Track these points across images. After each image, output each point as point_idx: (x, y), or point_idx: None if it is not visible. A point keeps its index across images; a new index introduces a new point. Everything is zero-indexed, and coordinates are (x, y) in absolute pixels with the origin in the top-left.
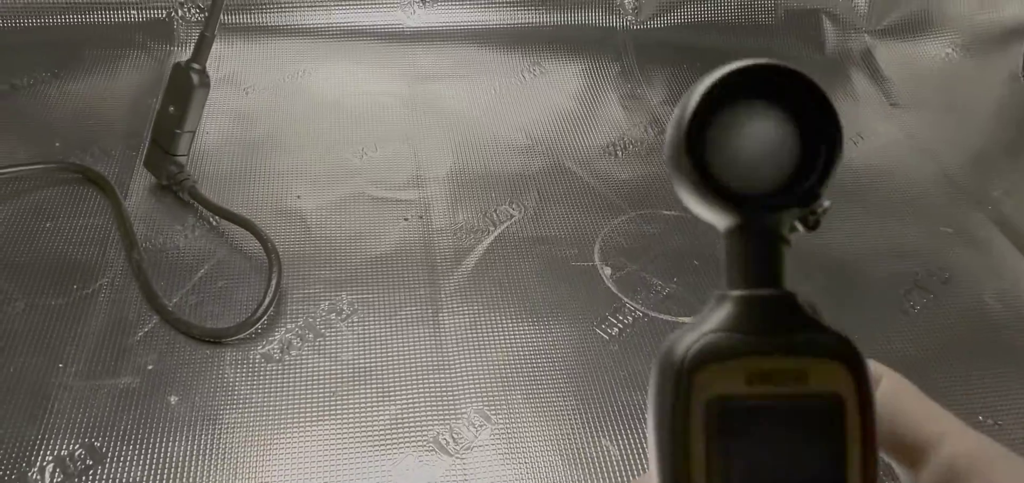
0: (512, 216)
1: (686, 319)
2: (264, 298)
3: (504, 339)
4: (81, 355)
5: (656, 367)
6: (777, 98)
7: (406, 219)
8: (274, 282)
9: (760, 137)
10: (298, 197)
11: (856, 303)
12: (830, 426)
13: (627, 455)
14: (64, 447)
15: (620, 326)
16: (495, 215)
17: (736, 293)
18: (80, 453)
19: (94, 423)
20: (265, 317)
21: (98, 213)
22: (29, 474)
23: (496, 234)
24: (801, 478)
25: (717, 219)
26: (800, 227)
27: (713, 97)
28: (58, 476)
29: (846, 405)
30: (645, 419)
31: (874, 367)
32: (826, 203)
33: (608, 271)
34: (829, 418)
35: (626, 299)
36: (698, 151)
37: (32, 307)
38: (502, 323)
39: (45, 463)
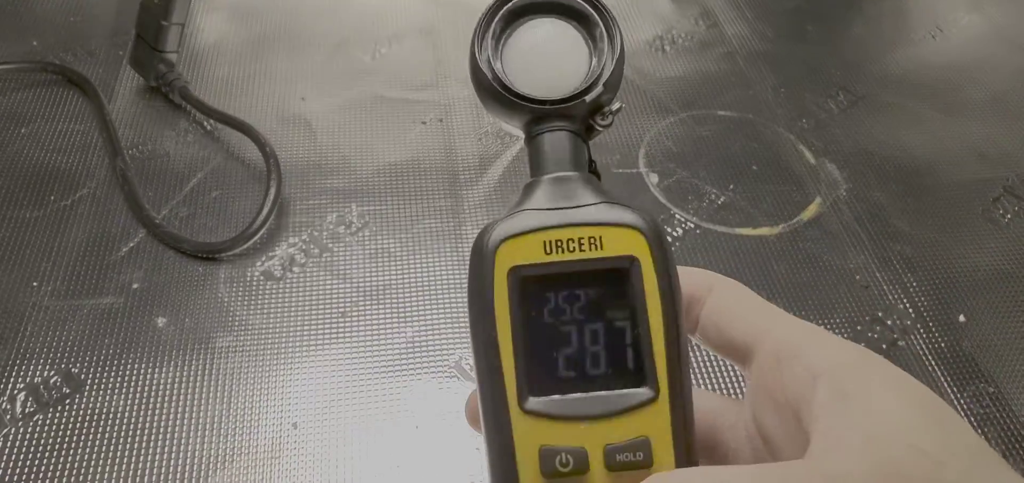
0: None
1: (745, 230)
2: (262, 208)
3: None
4: (58, 272)
5: (471, 252)
6: (564, 13)
7: (424, 122)
8: (273, 190)
9: (549, 48)
10: (302, 99)
11: (937, 211)
12: (626, 283)
13: None
14: (37, 373)
15: (670, 238)
16: None
17: (534, 179)
18: (55, 380)
19: (71, 347)
20: (264, 230)
21: (79, 118)
22: None
23: None
24: (603, 332)
25: (517, 125)
26: (597, 125)
27: (505, 14)
28: (30, 405)
29: (641, 264)
30: None
31: (705, 277)
32: (616, 105)
33: (655, 178)
34: (624, 276)
35: (675, 209)
36: (493, 64)
37: (4, 220)
38: None
39: (16, 391)
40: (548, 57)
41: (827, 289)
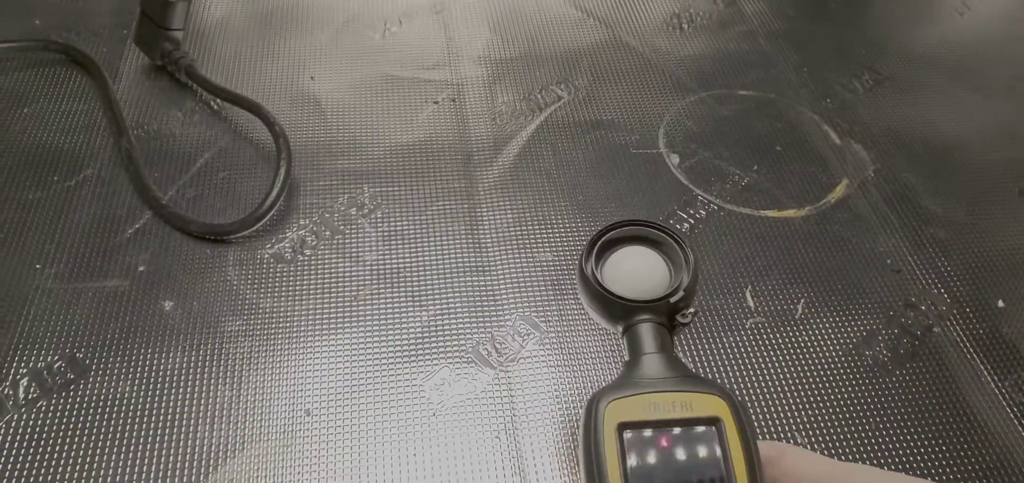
0: (560, 98)
1: (770, 212)
2: (272, 189)
3: (554, 237)
4: (62, 254)
5: (584, 411)
6: (650, 242)
7: (436, 102)
8: (283, 170)
9: (639, 266)
10: (312, 78)
11: (970, 192)
12: (713, 439)
13: (699, 364)
14: (41, 358)
15: (692, 221)
16: (540, 97)
17: (633, 359)
18: (59, 365)
19: (76, 331)
20: (274, 211)
21: (83, 97)
22: (0, 390)
23: (542, 119)
24: (696, 478)
25: (620, 323)
26: (678, 322)
27: (604, 244)
28: (33, 391)
29: (725, 425)
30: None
31: (775, 445)
32: (693, 309)
33: (676, 159)
34: (711, 433)
35: (698, 190)
36: (598, 276)
37: (6, 201)
38: (551, 218)
39: (19, 376)
40: (639, 273)
41: (857, 273)
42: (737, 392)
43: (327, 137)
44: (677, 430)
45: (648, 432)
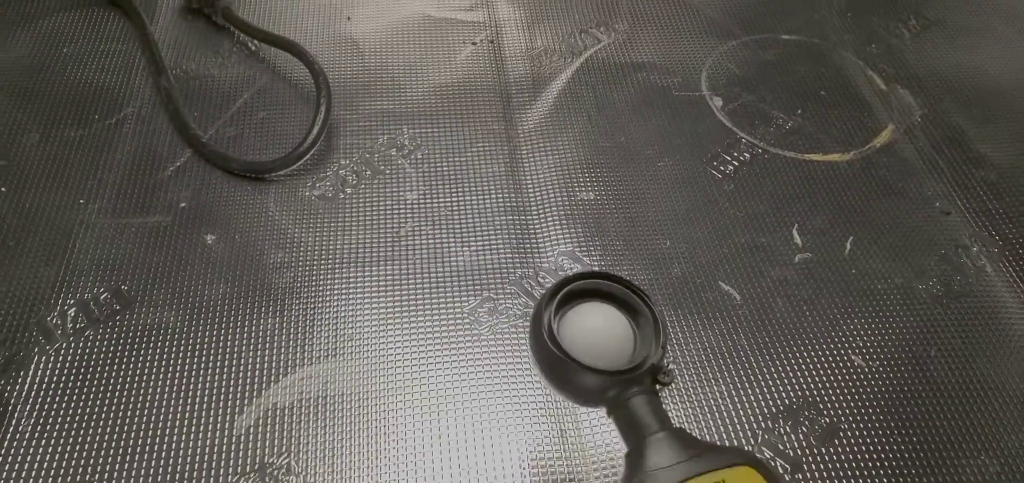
0: (600, 41)
1: (815, 156)
2: (313, 127)
3: (596, 177)
4: (105, 191)
5: None
6: (614, 299)
7: (474, 43)
8: (323, 109)
9: (603, 327)
10: (348, 19)
11: (1017, 136)
12: None
13: (751, 299)
14: (87, 290)
15: (736, 163)
16: (579, 40)
17: (638, 442)
18: (105, 296)
19: (121, 264)
20: (314, 150)
21: (122, 37)
22: (48, 319)
23: (581, 61)
24: None
25: (586, 401)
26: (660, 382)
27: (562, 298)
28: (81, 320)
29: None
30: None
31: None
32: (668, 376)
33: (719, 102)
34: None
35: (742, 133)
36: (564, 346)
37: (49, 139)
38: (593, 158)
39: (66, 307)
40: (605, 334)
41: (905, 216)
42: (789, 319)
43: (366, 78)
44: None
45: None
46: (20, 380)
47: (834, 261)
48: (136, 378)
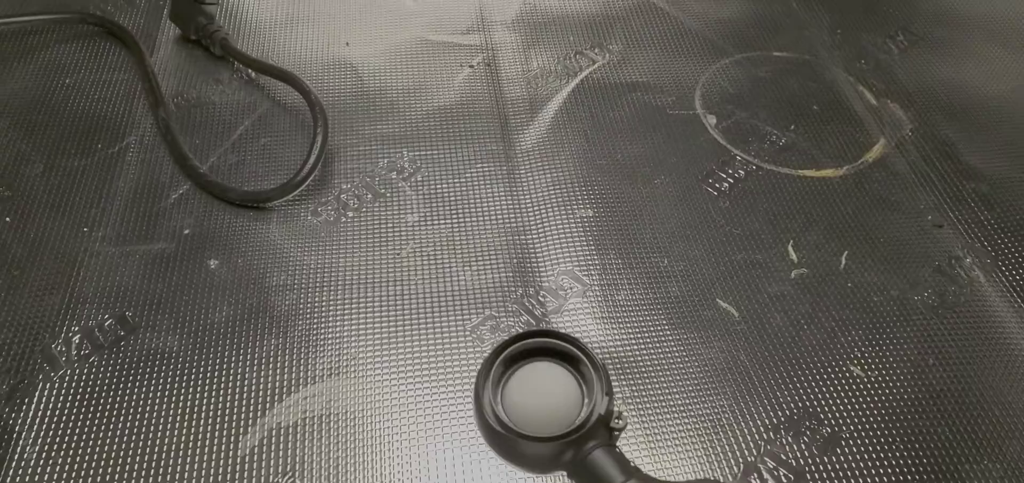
0: (595, 62)
1: (809, 172)
2: (309, 156)
3: (594, 194)
4: (108, 219)
5: None
6: (553, 355)
7: (471, 67)
8: (320, 138)
9: (546, 385)
10: (347, 45)
11: (1012, 147)
12: None
13: (749, 316)
14: (91, 317)
15: (731, 181)
16: (574, 61)
17: None
18: (110, 323)
19: (125, 291)
20: (313, 177)
21: (122, 68)
22: (53, 346)
23: (577, 82)
24: None
25: (549, 469)
26: (616, 428)
27: (495, 378)
28: (85, 347)
29: None
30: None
31: None
32: (622, 421)
33: (713, 120)
34: None
35: (736, 151)
36: (506, 420)
37: (53, 168)
38: (590, 177)
39: (71, 334)
40: (550, 393)
41: (898, 230)
42: (787, 333)
43: (365, 102)
44: None
45: None
46: (25, 407)
47: (830, 275)
48: (140, 403)
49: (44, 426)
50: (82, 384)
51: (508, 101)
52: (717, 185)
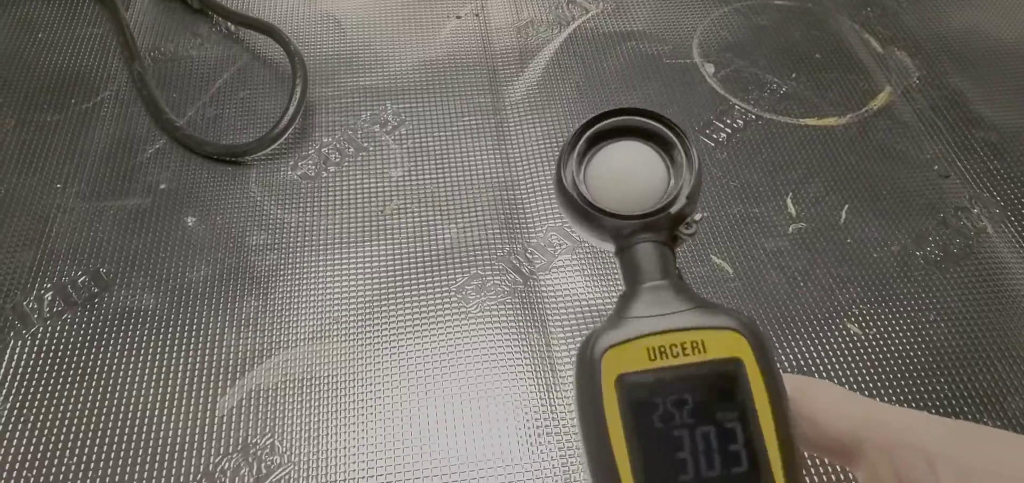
0: (587, 11)
1: (810, 121)
2: (287, 108)
3: None
4: (82, 174)
5: (576, 361)
6: (645, 135)
7: (458, 17)
8: (299, 91)
9: (631, 166)
10: None
11: (1018, 95)
12: (732, 384)
13: (744, 272)
14: (65, 273)
15: (729, 130)
16: (566, 10)
17: (630, 289)
18: (83, 279)
19: (99, 247)
20: (291, 131)
21: (96, 22)
22: (25, 303)
23: (569, 31)
24: (715, 434)
25: (607, 240)
26: (682, 235)
27: (589, 137)
28: (58, 304)
29: (745, 365)
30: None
31: (797, 379)
32: (698, 215)
33: (711, 69)
34: (730, 377)
35: (735, 100)
36: (579, 184)
37: (25, 123)
38: None
39: (43, 291)
40: (631, 175)
41: (903, 180)
42: (783, 291)
43: (348, 54)
44: (689, 381)
45: (654, 385)
46: None
47: (829, 230)
48: (116, 360)
49: (15, 384)
50: (55, 342)
51: (497, 52)
52: (715, 135)
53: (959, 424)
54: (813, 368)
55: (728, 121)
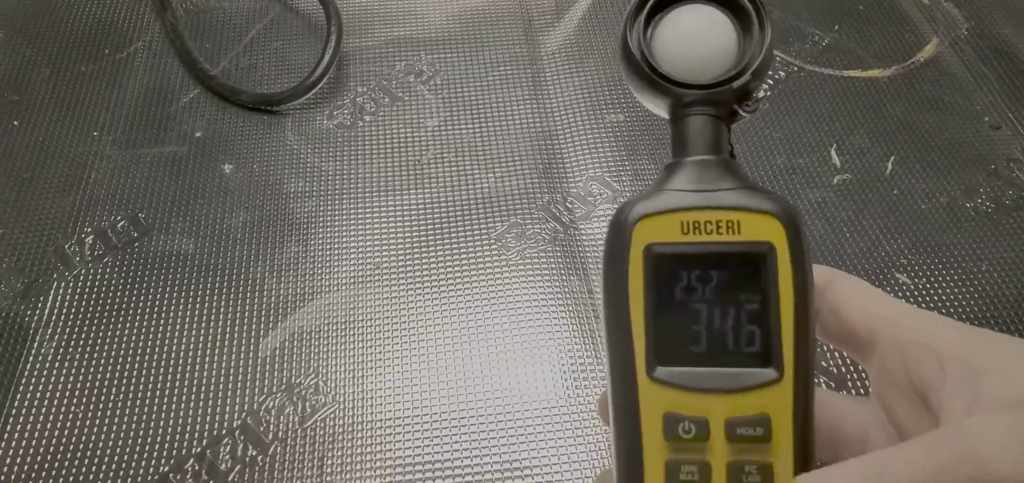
0: None
1: (854, 72)
2: (322, 57)
3: (625, 97)
4: (118, 122)
5: (609, 226)
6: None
7: None
8: (333, 40)
9: (699, 32)
10: None
11: None
12: (760, 268)
13: None
14: (104, 218)
15: (771, 82)
16: None
17: (676, 160)
18: (123, 224)
19: (137, 193)
20: (325, 81)
21: None
22: (66, 246)
23: None
24: (734, 313)
25: (663, 107)
26: (742, 112)
27: (657, 3)
28: (99, 248)
29: (777, 251)
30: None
31: (824, 270)
32: (762, 93)
33: None
34: (759, 260)
35: (776, 51)
36: (644, 46)
37: (60, 73)
38: (620, 80)
39: (84, 235)
40: (698, 42)
41: (952, 131)
42: (829, 241)
43: (381, 5)
44: (717, 259)
45: (682, 258)
46: (41, 305)
47: (875, 181)
48: (157, 302)
49: (60, 324)
50: (97, 283)
51: (532, 2)
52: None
53: (970, 328)
54: None
55: (769, 73)
